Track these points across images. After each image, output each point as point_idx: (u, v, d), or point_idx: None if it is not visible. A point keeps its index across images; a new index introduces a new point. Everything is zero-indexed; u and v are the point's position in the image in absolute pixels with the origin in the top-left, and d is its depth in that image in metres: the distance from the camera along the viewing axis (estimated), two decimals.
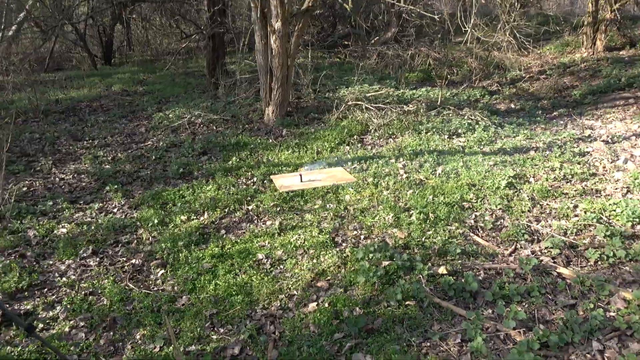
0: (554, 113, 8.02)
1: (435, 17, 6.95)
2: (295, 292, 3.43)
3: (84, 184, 5.81)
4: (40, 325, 3.24)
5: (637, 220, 4.10)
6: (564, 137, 6.43)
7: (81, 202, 5.28)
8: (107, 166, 6.28)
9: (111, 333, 3.16)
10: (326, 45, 13.85)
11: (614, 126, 6.96)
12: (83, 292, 3.60)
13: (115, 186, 5.50)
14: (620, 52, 11.46)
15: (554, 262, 3.64)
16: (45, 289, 3.70)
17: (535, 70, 10.92)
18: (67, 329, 3.20)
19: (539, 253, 3.79)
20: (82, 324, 3.25)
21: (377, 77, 10.43)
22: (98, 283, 3.71)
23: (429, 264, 3.60)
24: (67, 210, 5.00)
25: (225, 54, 11.45)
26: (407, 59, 11.46)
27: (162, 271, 3.83)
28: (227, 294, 3.44)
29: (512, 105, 8.75)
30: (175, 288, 3.59)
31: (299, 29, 7.45)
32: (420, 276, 3.42)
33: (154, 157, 6.52)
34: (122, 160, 6.50)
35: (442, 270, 3.48)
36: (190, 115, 8.13)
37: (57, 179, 6.03)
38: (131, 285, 3.66)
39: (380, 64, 11.53)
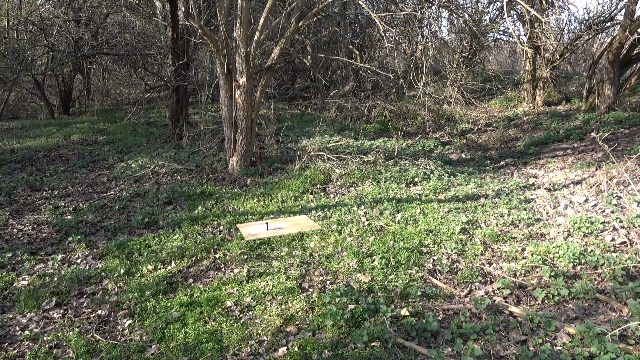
0: (501, 162, 8.63)
1: (390, 75, 7.50)
2: (265, 337, 3.53)
3: (44, 235, 5.72)
4: None
5: (577, 261, 4.49)
6: (511, 185, 6.94)
7: (42, 253, 5.19)
8: (69, 217, 6.22)
9: None
10: (287, 98, 14.37)
11: (554, 175, 7.58)
12: (47, 345, 3.54)
13: (78, 237, 5.46)
14: (558, 107, 12.53)
15: (506, 302, 3.92)
16: (6, 344, 3.61)
17: (482, 123, 11.75)
18: None
19: (492, 293, 4.08)
20: None
21: (337, 128, 10.90)
22: (63, 335, 3.67)
23: (392, 306, 3.79)
24: (27, 262, 4.91)
25: (189, 105, 11.70)
26: (364, 111, 12.07)
27: (130, 321, 3.83)
28: (197, 342, 3.48)
29: (463, 155, 9.34)
30: (144, 338, 3.60)
31: (262, 84, 7.82)
32: (384, 318, 3.60)
33: (117, 207, 6.52)
34: (84, 210, 6.45)
35: (404, 312, 3.68)
36: (154, 165, 8.20)
37: (14, 230, 5.90)
38: (98, 337, 3.64)
39: (340, 115, 12.08)
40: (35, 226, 5.97)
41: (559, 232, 5.29)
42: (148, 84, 14.65)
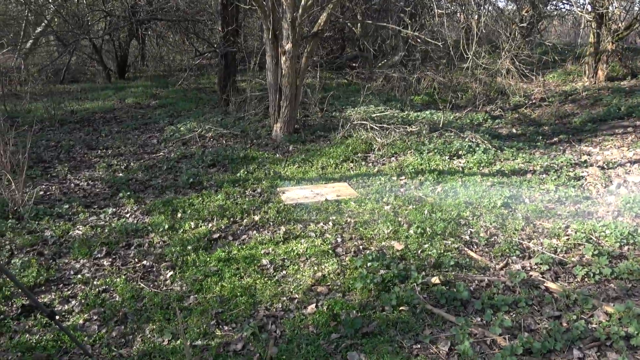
0: (554, 139, 8.25)
1: (440, 44, 7.26)
2: (296, 295, 3.64)
3: (97, 190, 6.08)
4: (57, 317, 3.44)
5: (625, 241, 4.30)
6: (561, 162, 6.65)
7: (95, 206, 5.53)
8: (120, 174, 6.56)
9: (122, 327, 3.36)
10: (334, 67, 14.24)
11: (610, 153, 7.18)
12: (97, 289, 3.82)
13: (128, 193, 5.76)
14: (622, 82, 11.73)
15: (543, 277, 3.83)
16: (61, 285, 3.92)
17: (537, 97, 11.21)
18: (81, 322, 3.42)
19: (529, 268, 3.99)
20: (95, 317, 3.47)
21: (382, 99, 10.74)
22: (110, 281, 3.93)
23: (423, 274, 3.80)
24: (81, 213, 5.25)
25: (237, 71, 11.84)
26: (412, 82, 11.79)
27: (171, 272, 4.05)
28: (232, 295, 3.65)
29: (514, 130, 9.00)
30: (184, 288, 3.81)
31: (308, 50, 7.79)
32: (415, 284, 3.62)
33: (165, 167, 6.80)
34: (134, 169, 6.78)
35: (435, 280, 3.68)
36: (201, 129, 8.43)
37: (72, 184, 6.30)
38: (142, 284, 3.88)
39: (387, 86, 11.87)
40: (90, 182, 6.34)
41: (608, 212, 5.05)
42: (198, 50, 14.90)
